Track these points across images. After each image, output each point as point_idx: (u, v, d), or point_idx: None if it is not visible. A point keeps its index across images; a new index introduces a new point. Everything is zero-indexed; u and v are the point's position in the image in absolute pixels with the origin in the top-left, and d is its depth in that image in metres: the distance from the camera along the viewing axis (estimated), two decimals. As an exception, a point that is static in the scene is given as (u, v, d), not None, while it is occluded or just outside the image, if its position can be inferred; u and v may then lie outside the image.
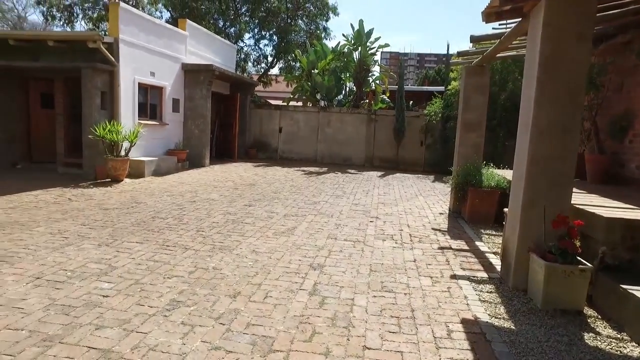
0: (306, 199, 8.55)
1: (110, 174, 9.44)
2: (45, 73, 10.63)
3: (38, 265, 4.23)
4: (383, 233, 6.18)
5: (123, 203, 7.34)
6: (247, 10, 22.54)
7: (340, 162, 16.43)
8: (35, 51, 10.08)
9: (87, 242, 5.03)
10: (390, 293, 3.93)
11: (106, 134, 9.26)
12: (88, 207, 6.91)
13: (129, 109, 10.53)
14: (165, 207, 7.16)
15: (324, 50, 17.97)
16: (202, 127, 12.98)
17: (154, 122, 11.55)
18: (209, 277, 4.10)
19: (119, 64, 9.99)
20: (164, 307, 3.40)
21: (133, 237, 5.33)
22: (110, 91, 10.05)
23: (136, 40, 10.56)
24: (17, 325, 3.04)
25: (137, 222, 6.08)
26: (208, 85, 12.81)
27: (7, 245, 4.82)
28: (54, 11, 21.95)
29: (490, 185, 7.01)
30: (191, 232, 5.64)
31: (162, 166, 11.03)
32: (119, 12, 9.95)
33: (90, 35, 9.34)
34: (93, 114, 9.59)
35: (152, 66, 11.29)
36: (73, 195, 7.81)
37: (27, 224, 5.78)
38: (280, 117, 16.92)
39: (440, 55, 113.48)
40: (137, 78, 10.70)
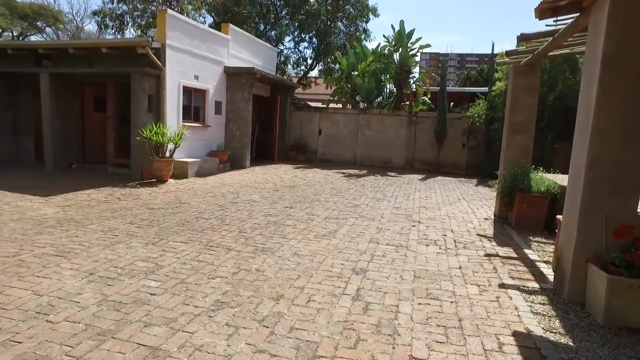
0: (347, 201, 8.49)
1: (156, 175, 9.77)
2: (98, 78, 11.17)
3: (91, 261, 4.41)
4: (426, 238, 6.02)
5: (168, 203, 7.56)
6: (287, 14, 22.78)
7: (379, 165, 16.25)
8: (91, 58, 10.62)
9: (135, 241, 5.20)
10: (436, 301, 3.80)
11: (152, 135, 9.59)
12: (135, 207, 7.16)
13: (174, 111, 10.87)
14: (208, 207, 7.32)
15: (364, 52, 17.86)
16: (243, 129, 13.21)
17: (197, 124, 11.86)
18: (252, 278, 4.13)
19: (166, 68, 10.33)
20: (208, 308, 3.45)
21: (178, 236, 5.47)
22: (157, 94, 10.41)
23: (181, 45, 10.89)
24: (74, 319, 3.17)
25: (181, 222, 6.24)
26: (249, 88, 13.03)
27: (64, 241, 5.07)
28: (107, 20, 23.08)
29: (539, 190, 6.67)
30: (233, 233, 5.72)
31: (204, 167, 11.31)
32: (166, 18, 10.30)
33: (140, 42, 9.72)
34: (141, 117, 9.97)
35: (196, 70, 11.61)
36: (122, 195, 8.13)
37: (81, 221, 6.05)
38: (319, 119, 16.96)
39: (482, 55, 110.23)
40: (182, 82, 11.03)
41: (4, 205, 6.86)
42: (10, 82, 11.91)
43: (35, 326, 3.05)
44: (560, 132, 11.70)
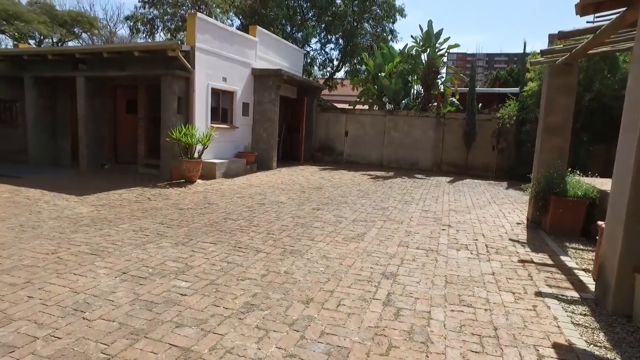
0: (374, 204, 8.39)
1: (184, 175, 9.92)
2: (130, 81, 11.46)
3: (124, 260, 4.50)
4: (457, 242, 5.87)
5: (196, 203, 7.66)
6: (313, 15, 22.83)
7: (406, 167, 16.04)
8: (123, 61, 10.91)
9: (165, 241, 5.27)
10: (469, 308, 3.68)
11: (182, 137, 9.75)
12: (165, 207, 7.28)
13: (203, 113, 11.02)
14: (236, 208, 7.37)
15: (391, 53, 17.70)
16: (270, 130, 13.29)
17: (225, 126, 12.00)
18: (281, 281, 4.11)
19: (195, 70, 10.49)
20: (238, 310, 3.44)
21: (207, 237, 5.51)
22: (186, 96, 10.59)
23: (210, 48, 11.05)
24: (109, 317, 3.23)
25: (210, 222, 6.30)
26: (276, 90, 13.10)
27: (98, 240, 5.19)
28: (138, 25, 23.69)
29: (576, 194, 6.41)
30: (262, 235, 5.73)
31: (231, 168, 11.43)
32: (196, 21, 10.47)
33: (170, 45, 9.91)
34: (170, 118, 10.16)
35: (224, 72, 11.75)
36: (152, 195, 8.29)
37: (113, 220, 6.20)
38: (346, 121, 16.89)
39: (512, 55, 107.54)
40: (210, 83, 11.19)
41: (44, 204, 7.10)
42: (49, 86, 12.37)
43: (73, 323, 3.12)
44: (597, 133, 11.25)
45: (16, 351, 2.76)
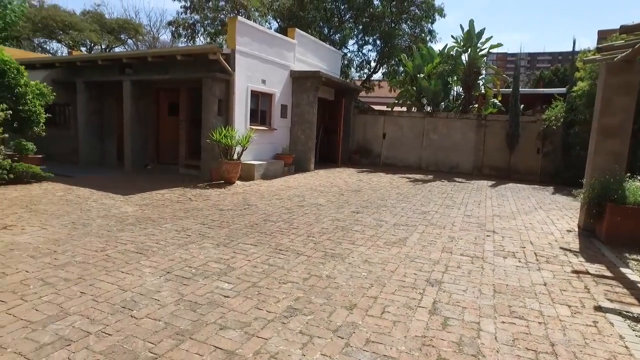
0: (415, 207, 8.20)
1: (224, 176, 10.07)
2: (172, 84, 11.78)
3: (168, 260, 4.57)
4: (503, 249, 5.61)
5: (236, 205, 7.74)
6: (350, 17, 22.74)
7: (446, 170, 15.64)
8: (166, 65, 11.23)
9: (207, 241, 5.33)
10: (522, 320, 3.48)
11: (222, 138, 9.90)
12: (206, 207, 7.40)
13: (242, 115, 11.17)
14: (275, 210, 7.38)
15: (430, 54, 17.34)
16: (308, 132, 13.31)
17: (263, 128, 12.11)
18: (323, 285, 4.04)
19: (235, 73, 10.65)
20: (281, 314, 3.40)
21: (248, 239, 5.53)
22: (226, 99, 10.76)
23: (250, 50, 11.18)
24: (155, 316, 3.27)
25: (250, 224, 6.33)
26: (315, 92, 13.10)
27: (143, 239, 5.32)
28: (180, 30, 24.43)
29: (637, 201, 5.99)
30: (302, 237, 5.69)
31: (270, 170, 11.51)
32: (236, 25, 10.63)
33: (212, 48, 10.10)
34: (211, 120, 10.35)
35: (263, 74, 11.86)
36: (193, 195, 8.45)
37: (157, 220, 6.34)
38: (384, 123, 16.68)
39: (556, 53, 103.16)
40: (250, 86, 11.32)
41: (93, 203, 7.38)
42: (98, 90, 12.92)
43: (122, 320, 3.18)
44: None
45: (72, 345, 2.84)
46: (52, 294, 3.62)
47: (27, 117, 9.24)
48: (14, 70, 8.76)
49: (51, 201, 7.39)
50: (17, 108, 8.96)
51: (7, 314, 3.26)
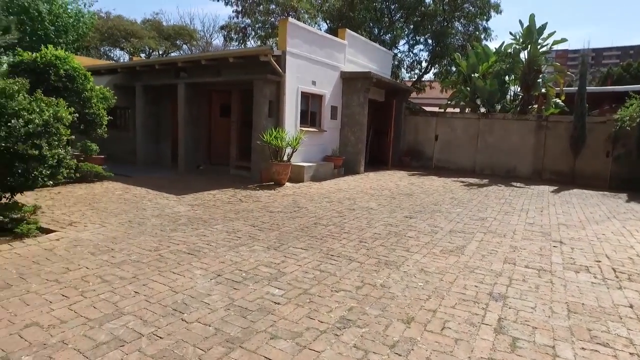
0: (471, 213, 7.76)
1: (274, 178, 10.09)
2: (224, 86, 12.01)
3: (218, 262, 4.54)
4: (574, 262, 5.12)
5: (286, 207, 7.68)
6: (401, 17, 22.28)
7: (502, 174, 14.84)
8: (219, 68, 11.47)
9: (257, 244, 5.27)
10: (607, 348, 3.08)
11: (272, 140, 9.92)
12: (256, 209, 7.39)
13: (292, 116, 11.16)
14: (325, 213, 7.24)
15: (485, 52, 16.56)
16: (358, 134, 13.10)
17: (313, 129, 12.05)
18: (378, 295, 3.83)
19: (285, 74, 10.65)
20: (334, 325, 3.23)
21: (298, 242, 5.42)
22: (277, 100, 10.79)
23: (300, 52, 11.15)
24: (205, 321, 3.21)
25: (300, 227, 6.23)
26: (365, 93, 12.87)
27: (194, 239, 5.35)
28: (232, 34, 25.07)
29: None
30: (354, 242, 5.50)
31: (319, 172, 11.42)
32: (287, 26, 10.64)
33: (263, 50, 10.17)
34: (261, 122, 10.42)
35: (313, 75, 11.80)
36: (243, 197, 8.51)
37: (208, 220, 6.40)
38: (436, 124, 16.12)
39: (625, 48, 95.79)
40: (300, 87, 11.29)
41: (148, 202, 7.60)
42: (155, 94, 13.45)
43: (173, 323, 3.15)
44: None
45: (125, 346, 2.83)
46: (108, 292, 3.67)
47: (91, 119, 9.72)
48: (82, 76, 9.24)
49: (110, 200, 7.69)
50: (84, 111, 9.44)
51: (69, 310, 3.33)
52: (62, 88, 9.00)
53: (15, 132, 5.51)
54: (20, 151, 5.43)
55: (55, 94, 9.04)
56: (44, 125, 5.78)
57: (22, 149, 5.43)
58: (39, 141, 5.63)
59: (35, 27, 24.04)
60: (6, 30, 12.77)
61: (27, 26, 23.93)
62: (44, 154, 5.66)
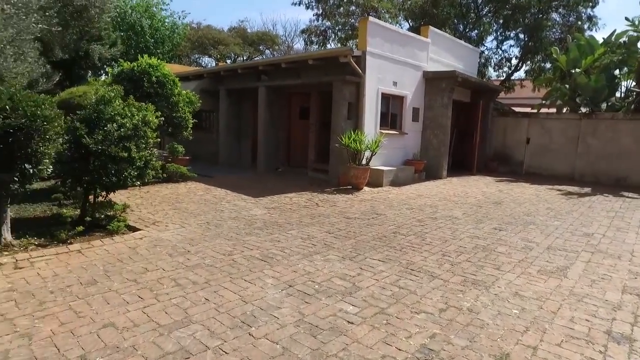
0: (572, 227, 6.79)
1: (352, 182, 9.81)
2: (303, 88, 12.02)
3: (291, 271, 4.36)
4: None
5: (364, 213, 7.35)
6: (489, 11, 20.80)
7: (609, 182, 13.06)
8: (298, 70, 11.49)
9: (332, 253, 5.01)
10: None
11: (350, 142, 9.66)
12: (332, 214, 7.16)
13: (372, 118, 10.80)
14: (405, 221, 6.79)
15: (590, 44, 14.73)
16: (441, 137, 12.36)
17: (393, 132, 11.57)
18: (464, 321, 3.35)
19: (365, 75, 10.33)
20: (414, 354, 2.84)
21: (375, 253, 5.07)
22: (356, 102, 10.51)
23: (381, 51, 10.76)
24: (273, 337, 3.01)
25: (378, 236, 5.86)
26: (449, 93, 12.10)
27: (268, 245, 5.25)
28: (312, 37, 25.35)
29: None
30: (436, 256, 5.01)
31: (399, 176, 10.91)
32: (367, 25, 10.31)
33: (343, 51, 9.95)
34: (340, 124, 10.20)
35: (394, 76, 11.33)
36: (320, 201, 8.34)
37: (283, 225, 6.29)
38: (528, 126, 14.70)
39: None
40: (380, 88, 10.90)
41: (226, 204, 7.75)
42: (237, 97, 13.92)
43: (240, 337, 2.99)
44: None
45: (191, 358, 2.72)
46: (180, 297, 3.64)
47: (178, 122, 10.24)
48: (170, 82, 9.77)
49: (192, 200, 7.96)
50: (172, 115, 9.97)
51: (143, 312, 3.34)
52: (154, 93, 9.57)
53: (110, 135, 5.87)
54: (113, 153, 5.76)
55: (147, 99, 9.65)
56: (133, 129, 6.09)
57: (114, 151, 5.75)
58: (129, 144, 5.93)
59: (139, 40, 26.58)
60: (113, 44, 14.02)
61: (132, 40, 26.62)
62: (133, 156, 5.95)
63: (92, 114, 6.15)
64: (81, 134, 5.88)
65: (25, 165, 4.62)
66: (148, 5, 28.27)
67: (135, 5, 27.96)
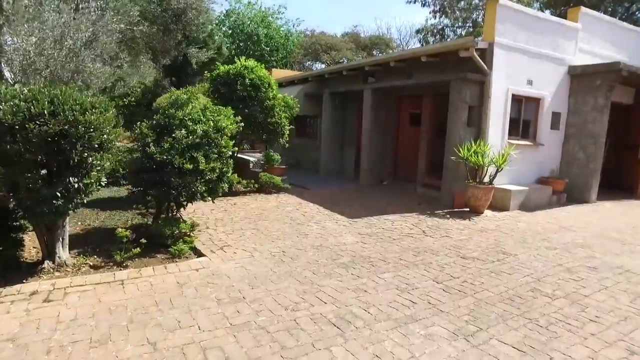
0: None
1: (469, 203, 7.91)
2: (415, 90, 10.37)
3: (371, 352, 2.91)
4: None
5: (486, 251, 5.52)
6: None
7: None
8: (409, 70, 9.92)
9: (439, 322, 3.43)
10: None
11: (470, 155, 7.80)
12: (443, 250, 5.49)
13: (498, 125, 8.72)
14: (547, 270, 4.81)
15: None
16: (590, 149, 9.61)
17: (525, 142, 9.27)
18: None
19: (492, 72, 8.34)
20: None
21: (505, 329, 3.34)
22: (479, 105, 8.56)
23: (513, 42, 8.63)
24: None
25: (507, 294, 4.07)
26: (607, 93, 9.32)
27: (349, 297, 3.86)
28: (428, 36, 23.36)
29: None
30: (613, 350, 3.08)
31: (531, 198, 8.61)
32: (496, 10, 8.31)
33: (463, 43, 8.12)
34: (458, 132, 8.36)
35: (529, 72, 9.06)
36: (428, 227, 6.68)
37: (376, 263, 4.85)
38: None
39: None
40: (510, 88, 8.76)
41: (314, 225, 6.57)
42: (342, 101, 12.81)
43: None
44: None
45: None
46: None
47: (273, 128, 9.45)
48: (265, 85, 9.00)
49: (277, 217, 6.95)
50: (266, 120, 9.22)
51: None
52: (247, 97, 8.90)
53: (178, 143, 5.10)
54: (177, 164, 4.96)
55: (241, 103, 9.04)
56: (203, 136, 5.24)
57: (178, 162, 4.95)
58: (197, 154, 5.08)
59: (255, 49, 27.61)
60: (218, 49, 14.07)
61: (250, 50, 27.82)
62: (201, 168, 5.09)
63: (164, 119, 5.48)
64: (147, 142, 5.22)
65: (70, 179, 3.96)
66: (264, 16, 29.24)
67: (253, 16, 29.12)
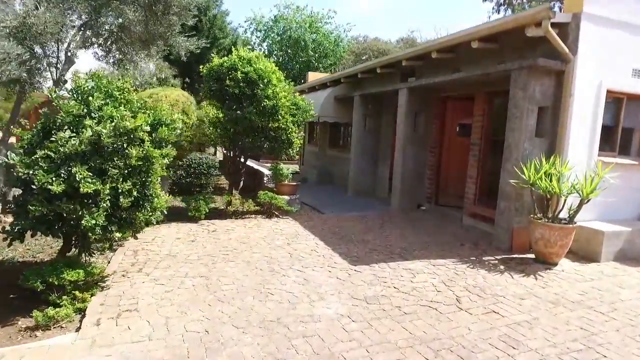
0: None
1: (536, 248, 5.38)
2: (464, 89, 7.91)
3: None
4: None
5: (567, 341, 3.08)
6: None
7: None
8: (457, 62, 7.58)
9: None
10: None
11: (539, 178, 5.29)
12: (482, 344, 3.14)
13: (584, 136, 6.08)
14: None
15: None
16: None
17: (627, 161, 6.48)
18: None
19: (576, 57, 5.79)
20: None
21: None
22: (554, 105, 6.01)
23: (609, 14, 5.99)
24: None
25: None
26: None
27: None
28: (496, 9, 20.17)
29: None
30: None
31: (636, 243, 5.85)
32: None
33: (533, 14, 5.63)
34: (521, 144, 5.86)
35: (636, 59, 6.34)
36: (466, 289, 4.32)
37: None
38: None
39: None
40: (604, 81, 6.10)
41: (293, 274, 4.47)
42: (376, 106, 10.61)
43: None
44: None
45: None
46: None
47: (277, 135, 7.48)
48: (263, 80, 7.01)
49: (251, 257, 4.93)
50: (267, 125, 7.27)
51: None
52: (241, 95, 6.99)
53: (57, 151, 3.25)
54: (39, 184, 3.10)
55: (235, 102, 7.16)
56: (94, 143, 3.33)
57: (40, 180, 3.09)
58: (77, 168, 3.19)
59: (302, 55, 26.32)
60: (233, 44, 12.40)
61: (298, 56, 26.61)
62: (84, 192, 3.19)
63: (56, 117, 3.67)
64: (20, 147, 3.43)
65: None
66: (312, 21, 27.80)
67: (301, 21, 27.77)
